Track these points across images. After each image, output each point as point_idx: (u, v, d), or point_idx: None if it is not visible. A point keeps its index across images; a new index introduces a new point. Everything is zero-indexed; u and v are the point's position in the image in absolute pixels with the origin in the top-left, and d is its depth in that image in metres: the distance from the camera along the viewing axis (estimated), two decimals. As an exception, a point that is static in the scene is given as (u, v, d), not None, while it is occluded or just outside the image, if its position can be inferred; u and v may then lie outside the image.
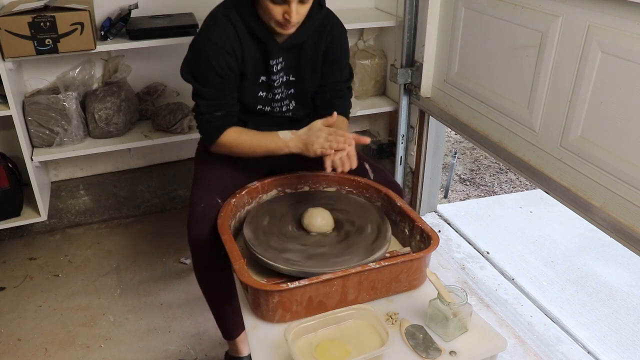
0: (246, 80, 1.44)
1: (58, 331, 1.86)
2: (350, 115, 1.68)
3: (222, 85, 1.40)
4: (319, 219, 1.35)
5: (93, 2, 2.02)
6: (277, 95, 1.49)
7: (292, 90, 1.51)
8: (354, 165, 1.34)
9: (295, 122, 1.57)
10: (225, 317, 1.55)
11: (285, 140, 1.40)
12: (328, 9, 1.52)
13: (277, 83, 1.47)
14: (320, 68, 1.52)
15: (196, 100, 1.44)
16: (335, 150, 1.34)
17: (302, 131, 1.40)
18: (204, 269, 1.45)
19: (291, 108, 1.54)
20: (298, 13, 1.32)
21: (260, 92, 1.47)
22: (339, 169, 1.33)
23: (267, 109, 1.50)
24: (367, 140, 1.39)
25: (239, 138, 1.43)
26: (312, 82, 1.53)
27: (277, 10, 1.31)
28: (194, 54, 1.42)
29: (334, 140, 1.33)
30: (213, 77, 1.39)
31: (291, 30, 1.37)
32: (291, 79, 1.49)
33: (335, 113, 1.40)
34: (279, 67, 1.45)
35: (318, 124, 1.38)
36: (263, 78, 1.45)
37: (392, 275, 1.21)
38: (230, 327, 1.58)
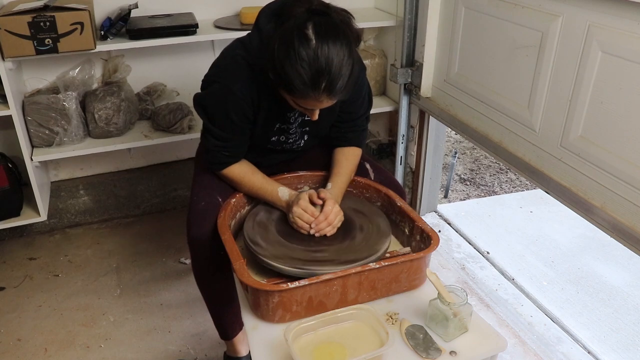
0: (260, 126, 1.41)
1: (58, 331, 1.86)
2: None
3: (235, 131, 1.39)
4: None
5: (93, 2, 2.02)
6: (290, 138, 1.47)
7: (307, 129, 1.48)
8: (328, 233, 1.33)
9: (305, 152, 1.57)
10: (223, 317, 1.55)
11: (282, 199, 1.40)
12: None
13: (293, 128, 1.45)
14: (339, 106, 1.46)
15: (206, 134, 1.42)
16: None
17: (293, 196, 1.39)
18: (203, 267, 1.44)
19: (302, 144, 1.52)
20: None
21: (274, 137, 1.45)
22: (311, 231, 1.33)
23: (278, 148, 1.49)
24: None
25: (241, 179, 1.44)
26: (329, 120, 1.50)
27: (299, 108, 1.29)
28: (212, 98, 1.36)
29: (296, 221, 1.34)
30: (227, 124, 1.37)
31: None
32: (306, 119, 1.45)
33: (324, 198, 1.36)
34: (296, 116, 1.43)
35: (303, 201, 1.35)
36: (278, 124, 1.43)
37: (392, 275, 1.21)
38: (228, 326, 1.57)
